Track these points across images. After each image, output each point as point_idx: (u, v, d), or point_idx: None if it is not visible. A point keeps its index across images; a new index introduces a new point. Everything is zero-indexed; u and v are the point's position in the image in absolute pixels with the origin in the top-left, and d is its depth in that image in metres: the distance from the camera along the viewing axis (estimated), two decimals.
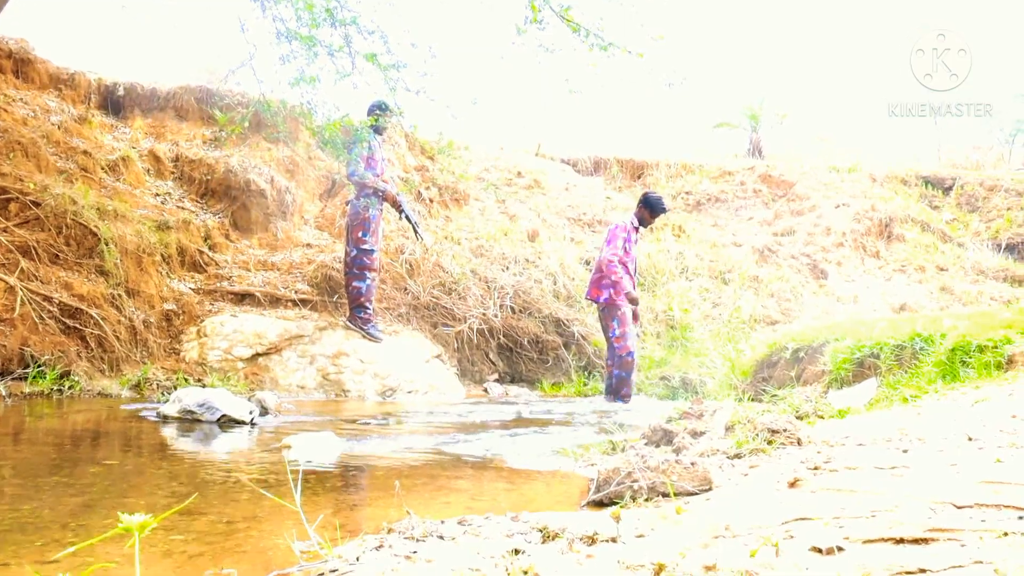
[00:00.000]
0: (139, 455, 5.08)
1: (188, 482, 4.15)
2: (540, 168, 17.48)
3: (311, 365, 9.34)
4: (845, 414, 5.46)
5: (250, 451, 5.50)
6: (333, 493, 3.98)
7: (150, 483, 4.16)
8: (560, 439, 5.96)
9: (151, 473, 4.44)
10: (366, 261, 9.84)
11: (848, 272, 15.47)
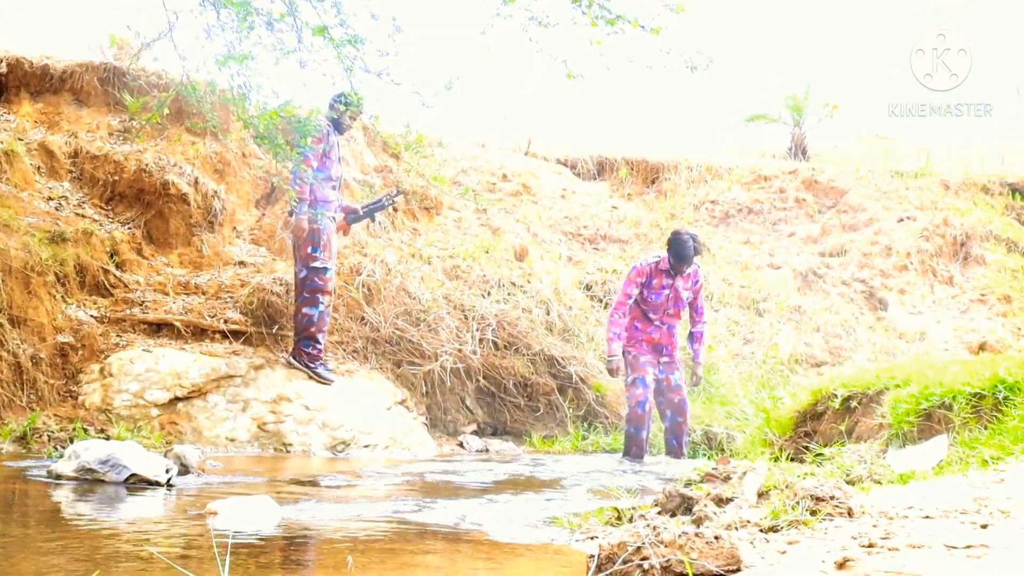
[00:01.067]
0: (24, 524, 5.06)
1: (87, 558, 4.13)
2: (530, 170, 17.52)
3: (244, 413, 9.32)
4: (908, 479, 5.48)
5: (166, 519, 5.48)
6: (269, 571, 3.97)
7: (38, 560, 4.14)
8: (552, 505, 5.96)
9: (40, 547, 4.43)
10: (318, 282, 9.86)
11: (913, 302, 15.54)
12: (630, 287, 9.70)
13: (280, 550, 4.48)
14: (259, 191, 12.77)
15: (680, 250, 9.59)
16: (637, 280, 9.70)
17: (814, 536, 3.93)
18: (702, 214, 17.65)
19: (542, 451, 10.52)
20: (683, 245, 9.58)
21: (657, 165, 18.84)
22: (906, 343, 14.11)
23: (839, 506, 4.32)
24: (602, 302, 13.28)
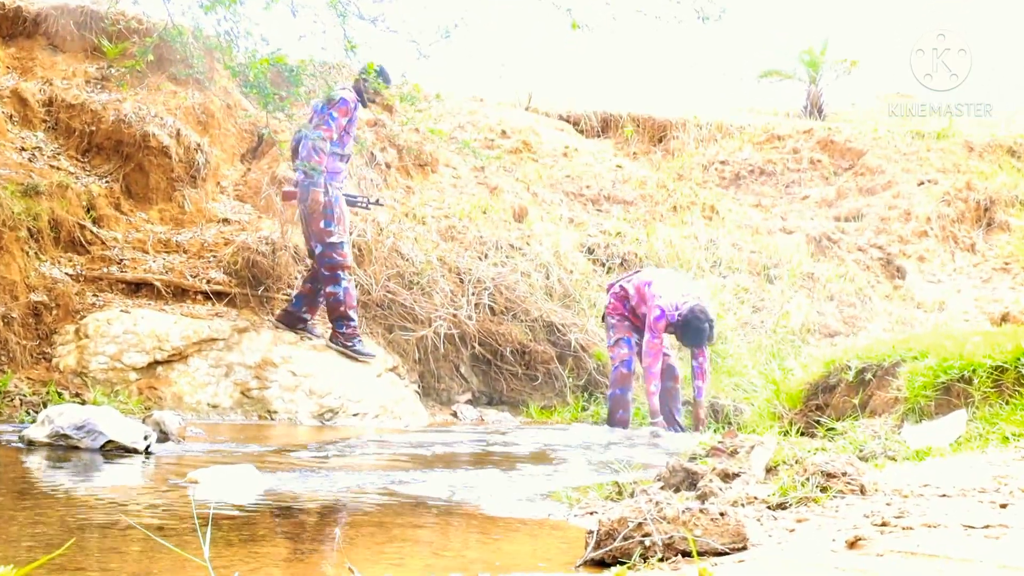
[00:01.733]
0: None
1: (61, 528, 4.14)
2: (531, 126, 17.47)
3: (227, 378, 9.33)
4: (924, 456, 5.49)
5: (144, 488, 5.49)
6: (253, 544, 3.98)
7: (8, 529, 4.15)
8: (550, 479, 5.97)
9: (9, 516, 4.43)
10: (336, 258, 9.84)
11: (933, 270, 15.54)
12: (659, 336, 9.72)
13: (264, 522, 4.49)
14: (245, 144, 12.73)
15: (693, 337, 9.60)
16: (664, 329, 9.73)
17: (824, 514, 3.94)
18: (711, 175, 17.63)
19: (540, 422, 10.54)
20: (698, 334, 9.58)
21: (664, 123, 18.79)
22: (924, 313, 14.11)
23: (851, 483, 4.33)
24: (605, 266, 13.27)
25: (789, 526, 3.79)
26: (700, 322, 9.51)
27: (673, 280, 10.11)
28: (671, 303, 9.64)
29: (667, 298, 9.65)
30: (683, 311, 9.54)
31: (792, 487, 4.38)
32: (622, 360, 9.91)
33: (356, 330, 10.01)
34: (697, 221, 15.41)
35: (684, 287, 9.90)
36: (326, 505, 4.94)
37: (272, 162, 12.14)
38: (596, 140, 18.23)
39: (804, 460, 4.76)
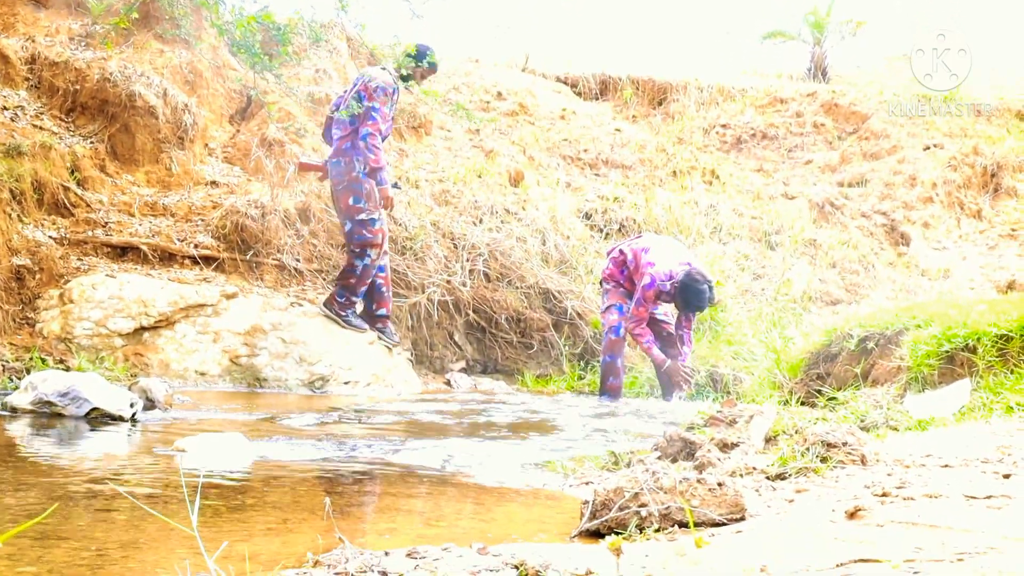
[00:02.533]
0: None
1: (44, 496, 4.15)
2: (527, 88, 17.44)
3: (215, 344, 9.34)
4: (927, 425, 5.51)
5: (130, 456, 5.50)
6: (241, 513, 3.99)
7: None
8: (545, 448, 5.99)
9: None
10: (366, 235, 9.80)
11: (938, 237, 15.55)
12: (647, 304, 9.75)
13: (253, 491, 4.50)
14: (234, 105, 12.69)
15: (694, 300, 9.56)
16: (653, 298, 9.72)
17: (824, 485, 3.95)
18: (712, 139, 17.61)
19: (535, 391, 10.56)
20: (699, 296, 9.53)
21: (664, 85, 18.75)
22: (929, 281, 14.13)
23: (852, 453, 4.35)
24: (602, 232, 13.27)
25: (788, 496, 3.80)
26: (699, 283, 9.50)
27: (670, 249, 10.09)
28: (663, 271, 9.62)
29: (660, 266, 9.64)
30: (678, 277, 9.54)
31: (792, 457, 4.39)
32: (611, 326, 9.94)
33: (354, 305, 9.99)
34: (697, 186, 15.41)
35: (680, 256, 9.88)
36: (316, 474, 4.95)
37: (261, 124, 12.10)
38: (594, 102, 18.20)
39: (804, 430, 4.78)
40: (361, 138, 9.63)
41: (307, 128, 12.19)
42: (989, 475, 3.76)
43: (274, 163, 11.47)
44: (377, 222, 9.84)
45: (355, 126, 9.72)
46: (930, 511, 3.21)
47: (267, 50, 8.85)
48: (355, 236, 9.79)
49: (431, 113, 14.58)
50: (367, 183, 9.75)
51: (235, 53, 11.02)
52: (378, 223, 9.86)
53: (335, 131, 9.86)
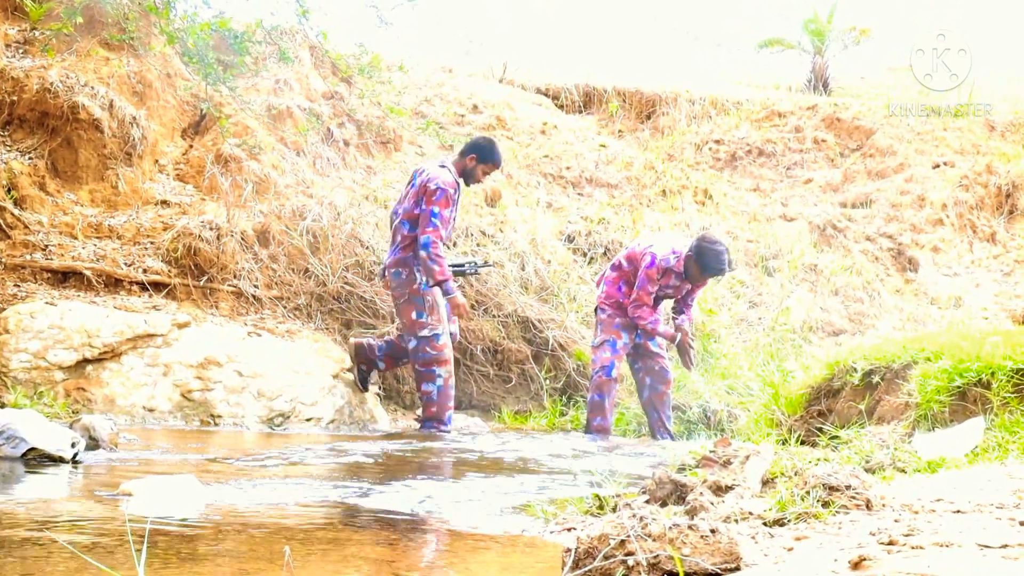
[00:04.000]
0: None
1: None
2: (505, 100, 17.47)
3: (165, 378, 9.30)
4: (937, 467, 5.52)
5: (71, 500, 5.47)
6: (193, 563, 3.98)
7: None
8: (524, 491, 5.98)
9: None
10: (431, 352, 9.54)
11: (948, 262, 15.60)
12: (650, 285, 9.78)
13: (206, 539, 4.48)
14: (186, 118, 12.67)
15: (712, 262, 9.57)
16: (656, 278, 9.73)
17: (826, 531, 3.96)
18: (704, 155, 17.67)
19: (514, 428, 10.56)
20: (718, 258, 9.55)
21: (653, 97, 18.81)
22: (939, 310, 14.18)
23: (856, 497, 4.36)
24: (586, 256, 13.28)
25: (787, 544, 3.80)
26: (716, 244, 9.57)
27: (671, 236, 10.19)
28: (665, 250, 9.67)
29: (661, 247, 9.68)
30: (690, 245, 9.64)
31: (791, 501, 4.39)
32: (603, 365, 9.92)
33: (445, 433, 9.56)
34: (689, 207, 15.45)
35: (681, 240, 9.95)
36: (275, 520, 4.93)
37: (216, 138, 12.10)
38: (577, 116, 18.24)
39: (804, 471, 4.78)
40: (422, 247, 9.32)
41: (265, 143, 12.17)
42: (1005, 522, 3.77)
43: (230, 181, 11.46)
44: (442, 336, 9.56)
45: (414, 233, 9.44)
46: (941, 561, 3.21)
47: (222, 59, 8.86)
48: (419, 355, 9.53)
49: (401, 128, 14.60)
50: (430, 294, 9.49)
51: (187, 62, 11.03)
52: (442, 337, 9.57)
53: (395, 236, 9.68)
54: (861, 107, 18.59)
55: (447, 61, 18.83)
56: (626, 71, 20.05)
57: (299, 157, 12.69)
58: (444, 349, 9.56)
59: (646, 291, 9.73)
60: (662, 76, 19.98)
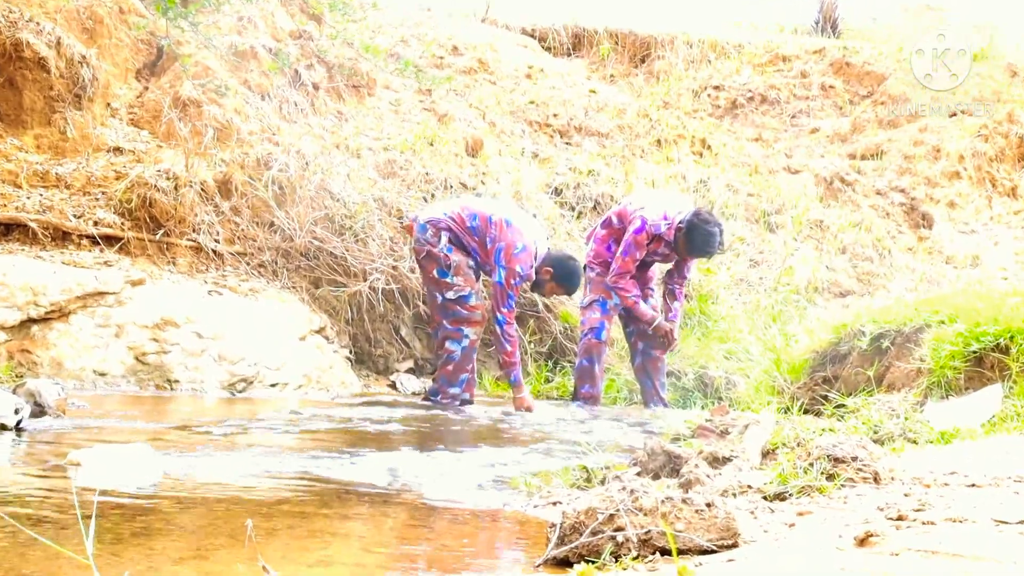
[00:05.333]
0: None
1: None
2: (488, 42, 17.41)
3: (118, 340, 9.28)
4: (951, 438, 5.54)
5: (15, 471, 5.46)
6: (147, 538, 3.97)
7: None
8: (506, 462, 5.99)
9: None
10: (462, 312, 9.45)
11: (965, 218, 15.63)
12: (637, 251, 9.70)
13: (161, 512, 4.47)
14: (141, 58, 12.60)
15: (702, 243, 9.52)
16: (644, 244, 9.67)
17: (831, 506, 3.96)
18: (703, 102, 17.64)
19: (496, 395, 10.56)
20: (709, 239, 9.50)
21: (648, 40, 18.77)
22: (954, 269, 14.21)
23: (863, 470, 4.36)
24: (574, 210, 13.26)
25: (789, 520, 3.81)
26: (708, 223, 9.47)
27: (666, 197, 10.15)
28: (657, 214, 9.60)
29: (653, 211, 9.62)
30: (682, 218, 9.51)
31: (793, 474, 4.40)
32: (592, 327, 9.89)
33: (455, 398, 9.49)
34: (685, 158, 15.44)
35: (680, 205, 9.88)
36: (237, 492, 4.93)
37: (174, 79, 12.02)
38: (566, 59, 18.19)
39: (808, 442, 4.79)
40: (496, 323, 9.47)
41: (228, 85, 12.10)
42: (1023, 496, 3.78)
43: (189, 127, 11.39)
44: (472, 296, 9.45)
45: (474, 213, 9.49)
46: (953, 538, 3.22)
47: None
48: (449, 312, 9.43)
49: (375, 71, 14.52)
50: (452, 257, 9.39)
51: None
52: (474, 297, 9.46)
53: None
54: (872, 51, 18.58)
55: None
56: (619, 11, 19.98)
57: (264, 101, 12.63)
58: (476, 310, 9.48)
59: (632, 258, 9.64)
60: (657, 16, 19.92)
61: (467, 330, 9.46)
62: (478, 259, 9.40)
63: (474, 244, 9.36)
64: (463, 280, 9.39)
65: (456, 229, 9.33)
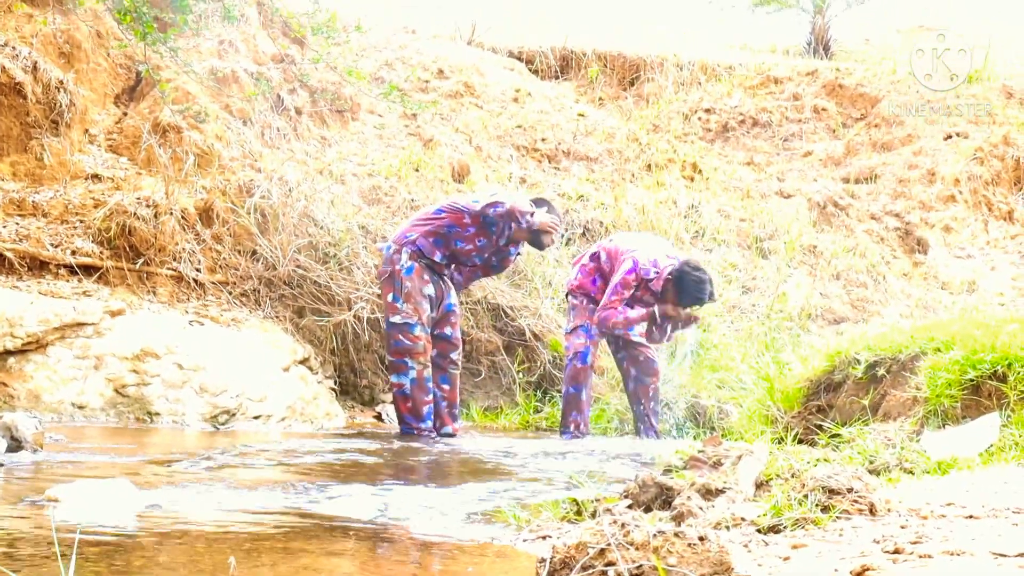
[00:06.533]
0: None
1: None
2: (474, 65, 17.44)
3: (97, 372, 9.27)
4: (948, 468, 5.55)
5: None
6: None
7: None
8: (494, 495, 5.98)
9: None
10: (404, 342, 9.38)
11: (961, 242, 15.66)
12: (625, 291, 9.69)
13: (142, 549, 4.47)
14: (120, 83, 12.62)
15: (693, 291, 9.50)
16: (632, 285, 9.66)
17: (826, 539, 3.97)
18: (693, 126, 17.68)
19: (483, 426, 10.55)
20: (699, 285, 9.49)
21: (637, 62, 18.82)
22: (950, 295, 14.23)
23: (859, 501, 4.37)
24: (563, 236, 13.27)
25: (783, 553, 3.82)
26: (698, 271, 9.47)
27: (655, 242, 10.14)
28: (649, 259, 9.60)
29: (644, 254, 9.63)
30: (672, 265, 9.51)
31: (787, 506, 4.41)
32: (577, 352, 9.88)
33: (427, 430, 9.45)
34: (676, 182, 15.47)
35: (668, 250, 9.89)
36: (219, 528, 4.92)
37: (153, 105, 12.04)
38: (554, 83, 18.24)
39: (802, 473, 4.80)
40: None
41: (209, 111, 12.11)
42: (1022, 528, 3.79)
43: (169, 153, 11.41)
44: (416, 327, 9.38)
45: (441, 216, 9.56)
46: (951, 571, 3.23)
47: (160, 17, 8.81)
48: (391, 341, 9.43)
49: (358, 95, 14.55)
50: (409, 280, 9.38)
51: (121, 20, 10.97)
52: (417, 328, 9.38)
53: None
54: (866, 72, 18.64)
55: (410, 21, 18.78)
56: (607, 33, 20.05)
57: (246, 127, 12.65)
58: (418, 341, 9.40)
59: (620, 296, 9.65)
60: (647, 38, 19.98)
61: (411, 361, 9.38)
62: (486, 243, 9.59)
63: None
64: (412, 308, 9.36)
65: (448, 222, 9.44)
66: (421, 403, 9.40)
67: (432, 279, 9.45)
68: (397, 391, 9.46)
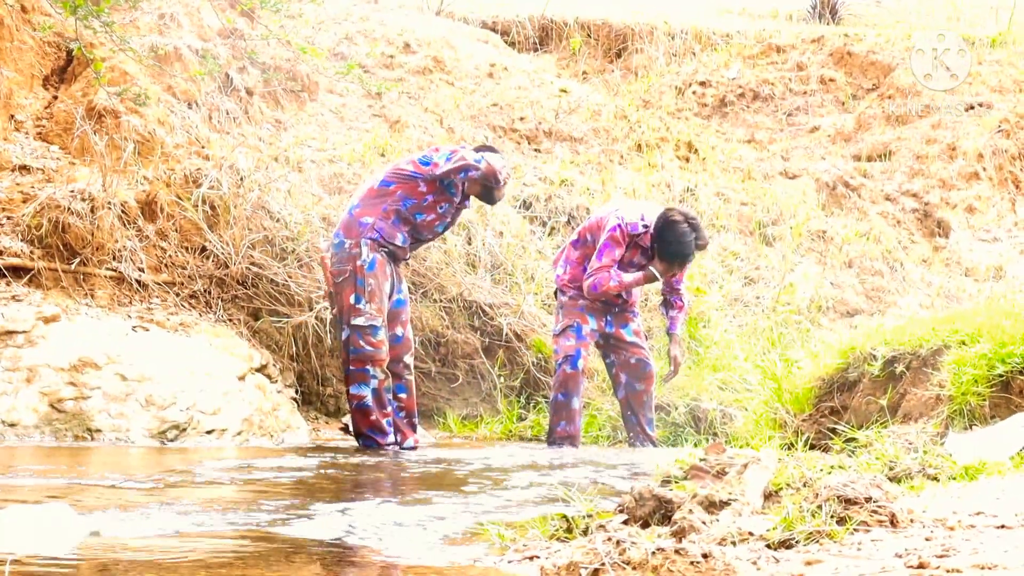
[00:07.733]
0: None
1: None
2: (444, 38, 17.43)
3: (29, 385, 9.24)
4: (976, 473, 5.55)
5: None
6: None
7: None
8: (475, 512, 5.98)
9: None
10: (366, 348, 9.25)
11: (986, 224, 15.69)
12: (616, 250, 9.70)
13: None
14: (49, 64, 12.58)
15: (674, 244, 9.51)
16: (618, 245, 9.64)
17: (843, 553, 3.97)
18: (688, 101, 17.70)
19: (462, 436, 10.56)
20: (679, 240, 9.50)
21: (624, 31, 18.84)
22: (975, 282, 14.27)
23: (878, 512, 4.38)
24: (546, 225, 13.29)
25: (796, 570, 3.82)
26: (678, 222, 9.50)
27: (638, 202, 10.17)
28: (635, 215, 9.61)
29: (628, 212, 9.64)
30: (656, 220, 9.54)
31: (799, 518, 4.41)
32: (567, 355, 9.83)
33: (388, 443, 9.37)
34: (670, 163, 15.49)
35: (653, 209, 9.88)
36: (169, 555, 4.91)
37: (87, 87, 12.00)
38: (533, 56, 18.25)
39: (815, 482, 4.80)
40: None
41: (149, 93, 12.07)
42: None
43: (106, 140, 11.37)
44: (380, 331, 9.29)
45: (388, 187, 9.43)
46: None
47: None
48: (351, 347, 9.27)
49: (316, 73, 14.53)
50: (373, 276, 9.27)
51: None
52: (380, 332, 9.29)
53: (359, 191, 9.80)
54: (877, 38, 18.65)
55: None
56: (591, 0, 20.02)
57: (191, 110, 12.62)
58: (382, 346, 9.31)
59: (611, 258, 9.65)
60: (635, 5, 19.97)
61: (372, 370, 9.28)
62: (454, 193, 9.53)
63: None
64: (376, 309, 9.28)
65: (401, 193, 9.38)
66: (383, 416, 9.36)
67: (390, 271, 9.44)
68: (357, 404, 9.34)
